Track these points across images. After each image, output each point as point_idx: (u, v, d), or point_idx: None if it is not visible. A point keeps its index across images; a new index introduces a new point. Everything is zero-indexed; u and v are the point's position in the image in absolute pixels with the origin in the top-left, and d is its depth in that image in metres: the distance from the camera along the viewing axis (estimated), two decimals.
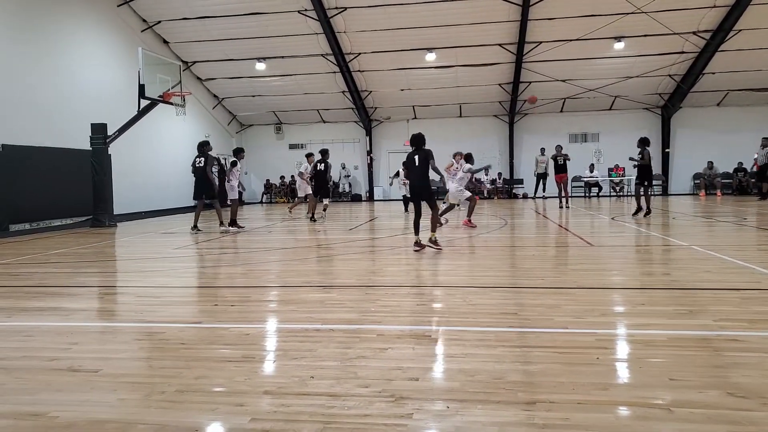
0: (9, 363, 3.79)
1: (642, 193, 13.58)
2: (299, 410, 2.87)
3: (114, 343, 4.30)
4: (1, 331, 4.67)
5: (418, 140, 8.85)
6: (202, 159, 12.38)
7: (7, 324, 4.91)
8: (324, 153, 15.47)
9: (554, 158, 17.67)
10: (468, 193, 12.60)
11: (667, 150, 25.03)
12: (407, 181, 15.41)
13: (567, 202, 17.74)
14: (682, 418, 2.69)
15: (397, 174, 17.74)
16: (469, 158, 12.84)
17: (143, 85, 14.18)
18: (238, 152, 13.91)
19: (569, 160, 17.59)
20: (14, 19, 14.79)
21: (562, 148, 18.07)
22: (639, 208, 13.60)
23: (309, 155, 15.91)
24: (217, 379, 3.37)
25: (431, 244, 8.62)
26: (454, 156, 16.23)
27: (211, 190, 12.49)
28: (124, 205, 17.31)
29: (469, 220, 12.36)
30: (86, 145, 14.94)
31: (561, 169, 17.47)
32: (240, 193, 14.40)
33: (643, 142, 13.40)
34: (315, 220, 14.73)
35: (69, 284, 6.85)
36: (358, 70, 23.33)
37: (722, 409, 2.79)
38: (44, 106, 15.46)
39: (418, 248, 8.68)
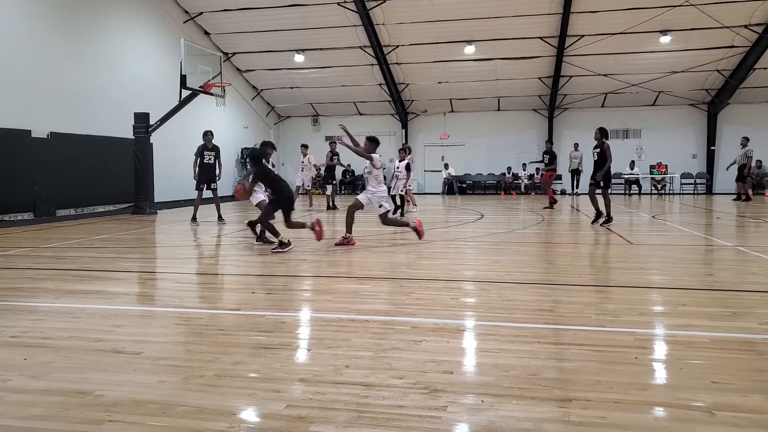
0: (57, 342, 3.93)
1: (599, 194, 11.43)
2: (334, 398, 2.91)
3: (155, 326, 4.42)
4: (49, 312, 4.84)
5: (261, 154, 8.43)
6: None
7: (55, 305, 5.09)
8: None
9: (543, 154, 16.52)
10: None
11: (712, 148, 24.30)
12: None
13: (552, 203, 16.13)
14: (724, 421, 2.63)
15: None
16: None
17: (185, 76, 14.43)
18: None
19: (554, 162, 16.70)
20: (60, 11, 15.23)
21: (552, 145, 16.86)
22: (599, 214, 11.34)
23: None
24: (254, 365, 3.43)
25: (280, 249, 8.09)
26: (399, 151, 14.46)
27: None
28: (164, 193, 17.69)
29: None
30: (129, 134, 15.30)
31: (548, 167, 16.52)
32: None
33: (603, 133, 11.25)
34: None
35: (112, 269, 7.05)
36: (396, 63, 23.28)
37: (767, 414, 2.71)
38: (89, 95, 15.90)
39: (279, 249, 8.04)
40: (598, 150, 11.22)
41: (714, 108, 23.99)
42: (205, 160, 12.41)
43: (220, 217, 12.74)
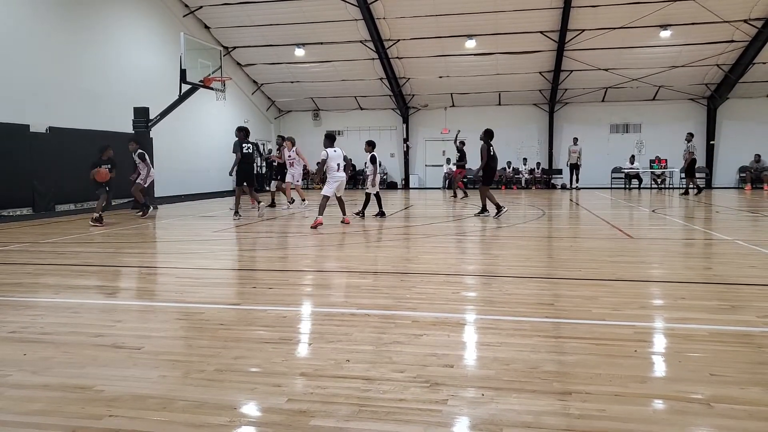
0: (57, 338, 3.94)
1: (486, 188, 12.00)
2: (335, 392, 2.91)
3: (155, 321, 4.42)
4: (49, 307, 4.85)
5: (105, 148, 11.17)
6: (250, 146, 12.25)
7: (55, 300, 5.10)
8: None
9: (458, 151, 18.02)
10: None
11: (712, 142, 24.27)
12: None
13: (455, 194, 18.29)
14: (722, 413, 2.64)
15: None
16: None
17: (185, 70, 14.41)
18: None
19: (464, 159, 17.97)
20: (60, 5, 15.17)
21: (464, 144, 18.00)
22: (484, 208, 12.02)
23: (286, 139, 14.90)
24: (255, 359, 3.44)
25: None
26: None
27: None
28: (164, 188, 17.68)
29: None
30: (129, 128, 15.28)
31: (458, 163, 17.90)
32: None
33: (485, 134, 11.70)
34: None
35: (112, 264, 7.06)
36: (397, 57, 23.23)
37: (765, 406, 2.72)
38: (88, 89, 15.86)
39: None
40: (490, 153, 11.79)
41: (713, 102, 23.95)
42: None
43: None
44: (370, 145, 12.11)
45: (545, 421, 2.58)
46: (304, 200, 15.00)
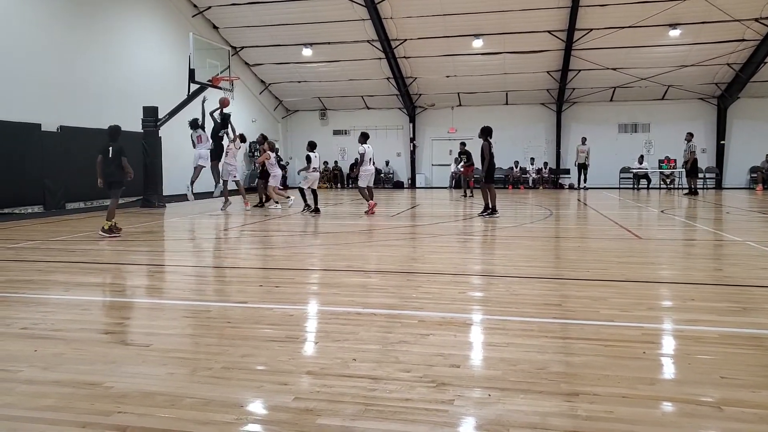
0: (68, 334, 3.96)
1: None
2: (341, 391, 2.92)
3: (163, 319, 4.44)
4: (59, 304, 4.88)
5: (115, 132, 9.85)
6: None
7: (65, 297, 5.13)
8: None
9: (459, 155, 19.65)
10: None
11: (722, 142, 24.10)
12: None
13: (466, 194, 19.10)
14: (732, 417, 2.62)
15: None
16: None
17: (193, 70, 14.46)
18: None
19: (471, 159, 18.84)
20: (70, 5, 15.26)
21: (465, 145, 19.33)
22: (486, 206, 12.05)
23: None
24: (262, 357, 3.45)
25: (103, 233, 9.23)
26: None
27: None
28: (173, 186, 17.73)
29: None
30: (138, 128, 15.35)
31: (466, 164, 19.28)
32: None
33: (483, 132, 11.97)
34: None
35: (121, 262, 7.09)
36: (404, 57, 23.21)
37: None
38: (99, 89, 15.94)
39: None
40: (481, 155, 11.97)
41: (724, 102, 23.77)
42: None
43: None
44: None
45: (552, 422, 2.57)
46: (289, 198, 15.40)
